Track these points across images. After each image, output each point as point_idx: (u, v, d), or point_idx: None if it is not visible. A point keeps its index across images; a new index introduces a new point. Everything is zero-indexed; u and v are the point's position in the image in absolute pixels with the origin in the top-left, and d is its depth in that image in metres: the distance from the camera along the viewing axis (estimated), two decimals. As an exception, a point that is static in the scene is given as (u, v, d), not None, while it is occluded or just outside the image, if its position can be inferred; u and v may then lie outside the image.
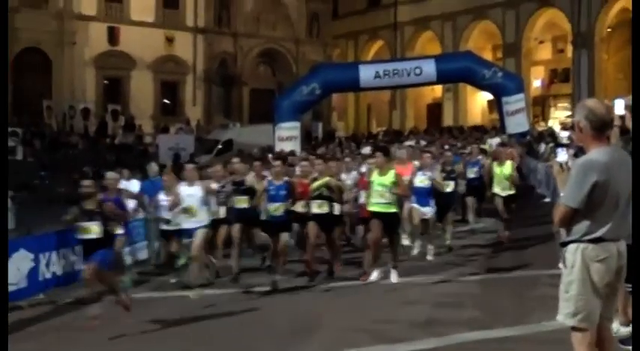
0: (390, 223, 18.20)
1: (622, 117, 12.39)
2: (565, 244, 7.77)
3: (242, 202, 20.06)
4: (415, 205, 21.39)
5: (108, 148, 50.55)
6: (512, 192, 23.04)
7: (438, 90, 65.90)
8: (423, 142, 37.15)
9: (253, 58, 67.37)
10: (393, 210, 18.33)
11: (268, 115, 45.27)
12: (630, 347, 10.69)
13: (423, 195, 21.20)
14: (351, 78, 40.94)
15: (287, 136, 39.61)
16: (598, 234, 7.55)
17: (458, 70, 41.80)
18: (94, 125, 57.26)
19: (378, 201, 18.20)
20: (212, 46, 65.00)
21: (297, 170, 23.21)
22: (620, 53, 60.68)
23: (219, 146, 47.56)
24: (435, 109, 70.78)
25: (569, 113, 58.79)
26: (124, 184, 21.74)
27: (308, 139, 46.56)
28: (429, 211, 21.15)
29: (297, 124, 40.57)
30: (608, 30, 60.06)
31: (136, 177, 23.66)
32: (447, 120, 66.00)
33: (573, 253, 7.67)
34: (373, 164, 19.83)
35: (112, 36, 60.94)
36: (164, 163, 35.52)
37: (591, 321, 7.64)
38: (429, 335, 13.33)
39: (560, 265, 7.86)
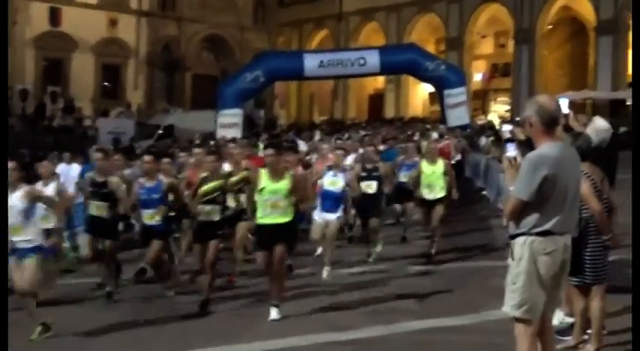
0: (283, 236, 14.34)
1: (566, 116, 12.65)
2: (514, 236, 7.87)
3: (99, 209, 16.46)
4: (316, 218, 18.84)
5: (46, 131, 50.16)
6: (441, 195, 20.07)
7: (380, 81, 66.24)
8: (362, 133, 36.98)
9: (197, 44, 67.25)
10: (287, 219, 14.46)
11: (211, 102, 45.22)
12: (568, 338, 10.98)
13: (331, 199, 18.51)
14: (296, 67, 41.04)
15: (229, 122, 39.66)
16: (546, 227, 7.69)
17: (402, 62, 42.03)
18: (32, 107, 56.85)
19: (268, 213, 14.36)
20: (156, 30, 64.75)
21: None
22: (560, 50, 61.42)
23: (160, 131, 47.42)
24: (376, 100, 71.06)
25: (509, 107, 59.56)
26: (63, 168, 21.80)
27: (250, 127, 46.53)
28: (333, 218, 18.20)
29: (240, 111, 40.64)
30: (550, 27, 60.73)
31: (77, 161, 23.45)
32: (389, 111, 66.31)
33: (521, 246, 7.78)
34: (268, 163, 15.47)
35: (54, 16, 60.48)
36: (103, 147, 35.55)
37: (535, 312, 7.80)
38: (376, 323, 13.33)
39: (509, 259, 7.93)
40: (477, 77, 66.58)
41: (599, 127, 11.47)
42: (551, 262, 7.74)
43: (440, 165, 20.42)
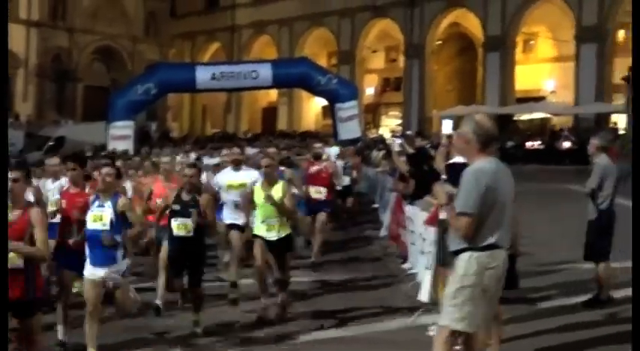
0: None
1: (449, 137, 12.89)
2: (457, 252, 7.85)
3: None
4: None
5: None
6: (285, 233, 14.32)
7: (273, 94, 66.41)
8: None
9: (88, 55, 66.71)
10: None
11: (102, 113, 44.82)
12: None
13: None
14: (188, 79, 40.96)
15: (120, 134, 39.42)
16: (491, 241, 7.71)
17: (294, 76, 42.20)
18: None
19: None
20: (46, 41, 64.02)
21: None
22: (449, 65, 62.26)
23: (51, 143, 46.87)
24: (270, 113, 71.28)
25: (400, 121, 60.06)
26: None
27: (143, 139, 46.30)
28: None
29: (131, 123, 40.44)
30: (439, 42, 61.46)
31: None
32: (282, 124, 66.58)
33: (467, 261, 7.73)
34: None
35: (-61, 27, 59.52)
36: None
37: (475, 326, 7.87)
38: (266, 335, 13.17)
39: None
40: (369, 91, 67.03)
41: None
42: (496, 276, 7.78)
43: (278, 189, 14.74)
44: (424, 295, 13.40)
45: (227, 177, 16.71)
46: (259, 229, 13.98)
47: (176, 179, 16.04)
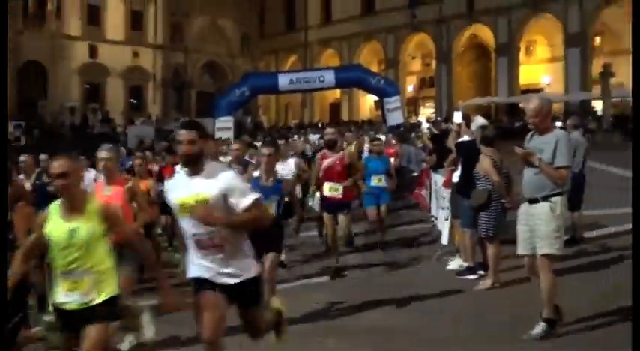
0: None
1: (459, 124, 12.96)
2: (547, 197, 7.70)
3: None
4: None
5: (89, 137, 50.14)
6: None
7: (337, 92, 66.10)
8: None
9: (199, 68, 66.95)
10: None
11: (210, 112, 45.08)
12: (471, 276, 11.24)
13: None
14: (272, 83, 41.03)
15: (223, 127, 39.47)
16: (565, 188, 7.87)
17: (351, 78, 42.14)
18: (79, 119, 56.88)
19: None
20: (167, 59, 64.39)
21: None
22: (470, 67, 61.84)
23: (174, 135, 47.33)
24: (335, 107, 71.11)
25: (434, 110, 59.78)
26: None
27: (240, 129, 46.42)
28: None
29: (231, 118, 40.50)
30: (462, 50, 61.03)
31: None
32: (344, 115, 66.45)
33: (560, 203, 7.72)
34: None
35: (92, 51, 60.23)
36: (131, 147, 35.66)
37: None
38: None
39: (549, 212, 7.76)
40: (410, 88, 66.80)
41: (479, 123, 11.72)
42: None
43: None
44: (444, 239, 13.50)
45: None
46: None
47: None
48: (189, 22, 65.94)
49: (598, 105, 48.29)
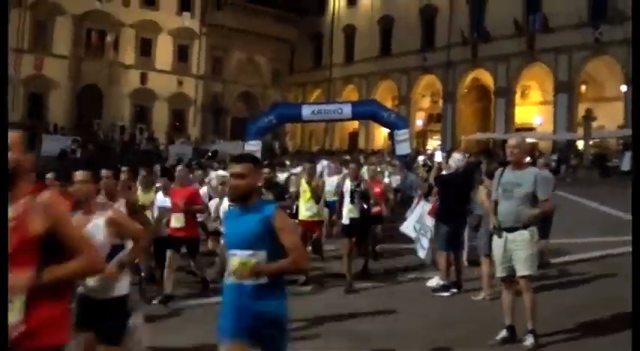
0: None
1: (440, 162, 13.18)
2: (527, 226, 7.81)
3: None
4: None
5: (135, 152, 50.54)
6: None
7: (356, 123, 66.04)
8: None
9: (235, 97, 67.28)
10: None
11: (242, 136, 45.25)
12: (445, 293, 11.24)
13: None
14: (296, 113, 40.96)
15: (252, 150, 39.39)
16: None
17: (366, 112, 41.97)
18: (128, 136, 57.40)
19: None
20: (208, 88, 64.85)
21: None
22: (472, 106, 61.81)
23: (209, 154, 47.56)
24: (354, 136, 70.99)
25: (440, 142, 59.68)
26: None
27: (269, 153, 46.57)
28: None
29: (259, 142, 40.45)
30: (466, 90, 61.06)
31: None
32: (361, 144, 66.38)
33: (536, 231, 7.92)
34: None
35: (143, 78, 60.89)
36: (172, 164, 35.88)
37: None
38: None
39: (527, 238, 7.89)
40: (419, 123, 66.73)
41: (455, 158, 11.77)
42: None
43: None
44: (427, 259, 13.42)
45: None
46: None
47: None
48: (228, 56, 66.51)
49: (581, 145, 48.20)
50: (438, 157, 15.77)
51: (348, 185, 12.31)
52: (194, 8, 64.04)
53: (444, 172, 11.95)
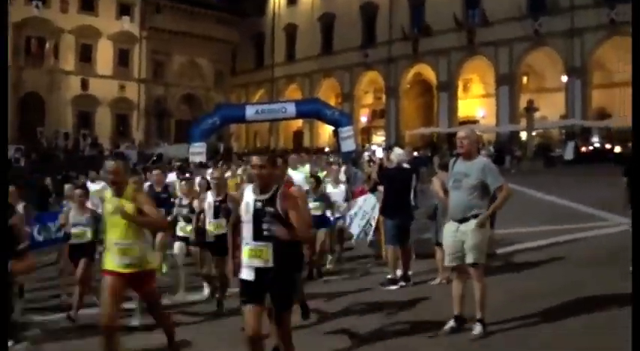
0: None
1: (381, 158, 13.23)
2: (476, 215, 7.69)
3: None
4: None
5: (80, 159, 49.79)
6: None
7: (300, 122, 66.03)
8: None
9: (178, 100, 66.81)
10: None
11: (186, 138, 44.89)
12: (392, 287, 11.16)
13: None
14: (240, 114, 40.53)
15: (197, 151, 39.07)
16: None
17: (310, 110, 41.82)
18: (72, 143, 56.58)
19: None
20: (150, 91, 64.25)
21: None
22: (415, 101, 62.41)
23: (154, 158, 47.05)
24: (298, 135, 71.04)
25: (384, 138, 59.97)
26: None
27: (213, 153, 46.16)
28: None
29: (204, 143, 39.99)
30: (408, 86, 61.52)
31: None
32: (306, 142, 66.43)
33: (487, 218, 7.79)
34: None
35: (84, 84, 60.12)
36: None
37: None
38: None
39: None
40: (363, 119, 66.99)
41: (396, 152, 11.75)
42: None
43: None
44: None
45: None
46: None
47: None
48: (169, 59, 66.00)
49: (524, 135, 48.78)
50: (379, 153, 15.72)
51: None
52: (133, 12, 63.36)
53: (387, 165, 11.92)
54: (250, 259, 6.22)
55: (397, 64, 60.18)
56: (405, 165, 11.77)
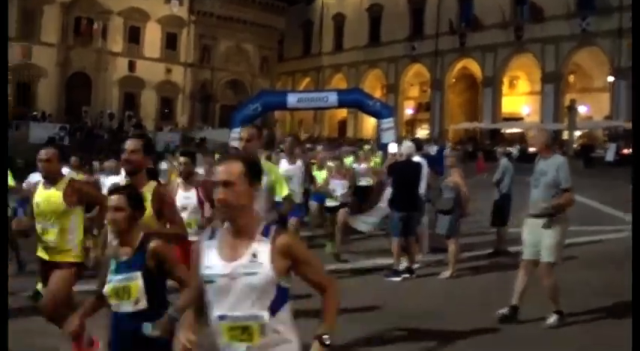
0: None
1: (394, 154, 13.53)
2: (552, 215, 7.87)
3: None
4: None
5: (123, 139, 50.44)
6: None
7: (345, 112, 66.00)
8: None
9: (223, 85, 67.39)
10: None
11: (230, 123, 45.25)
12: (395, 279, 11.26)
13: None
14: (282, 101, 40.67)
15: (236, 137, 39.49)
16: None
17: (351, 100, 41.71)
18: (116, 124, 57.35)
19: None
20: (196, 76, 64.99)
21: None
22: (460, 95, 62.08)
23: (197, 141, 47.63)
24: (342, 125, 71.26)
25: (428, 131, 59.82)
26: None
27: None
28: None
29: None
30: (454, 80, 61.21)
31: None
32: (350, 132, 66.60)
33: (561, 218, 7.91)
34: None
35: (131, 66, 60.92)
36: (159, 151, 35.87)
37: None
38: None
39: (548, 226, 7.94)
40: (408, 111, 66.87)
41: (405, 145, 11.82)
42: None
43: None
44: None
45: None
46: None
47: None
48: (216, 44, 66.56)
49: (565, 133, 48.30)
50: (393, 148, 15.72)
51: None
52: (183, -4, 64.02)
53: (399, 160, 12.00)
54: None
55: (443, 57, 60.01)
56: (417, 158, 11.86)
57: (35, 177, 10.62)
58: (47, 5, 55.75)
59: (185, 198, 8.01)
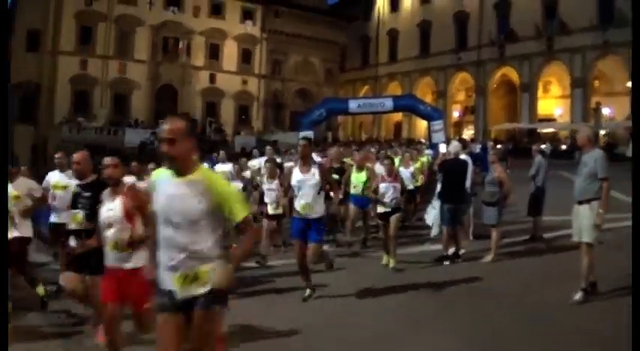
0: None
1: (444, 153, 13.63)
2: (590, 200, 8.04)
3: None
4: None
5: (206, 142, 51.20)
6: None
7: (400, 115, 65.77)
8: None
9: (293, 93, 67.67)
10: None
11: (299, 127, 45.54)
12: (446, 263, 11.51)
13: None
14: (344, 107, 41.04)
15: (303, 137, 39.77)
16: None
17: (405, 105, 41.87)
18: (199, 129, 58.19)
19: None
20: (269, 86, 65.45)
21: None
22: (501, 99, 61.25)
23: (271, 142, 47.99)
24: (398, 127, 71.01)
25: (473, 132, 59.37)
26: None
27: (324, 141, 46.64)
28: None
29: (312, 132, 40.47)
30: (495, 86, 60.62)
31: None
32: (405, 133, 66.31)
33: (597, 205, 8.03)
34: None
35: (212, 78, 61.65)
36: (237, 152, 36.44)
37: None
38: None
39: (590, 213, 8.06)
40: (455, 114, 66.40)
41: (453, 144, 12.04)
42: None
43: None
44: (434, 232, 13.55)
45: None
46: None
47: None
48: (286, 58, 66.93)
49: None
50: (442, 148, 15.78)
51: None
52: (255, 17, 64.45)
53: (447, 158, 12.26)
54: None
55: (485, 66, 59.54)
56: (463, 156, 12.11)
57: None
58: (139, 27, 57.09)
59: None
